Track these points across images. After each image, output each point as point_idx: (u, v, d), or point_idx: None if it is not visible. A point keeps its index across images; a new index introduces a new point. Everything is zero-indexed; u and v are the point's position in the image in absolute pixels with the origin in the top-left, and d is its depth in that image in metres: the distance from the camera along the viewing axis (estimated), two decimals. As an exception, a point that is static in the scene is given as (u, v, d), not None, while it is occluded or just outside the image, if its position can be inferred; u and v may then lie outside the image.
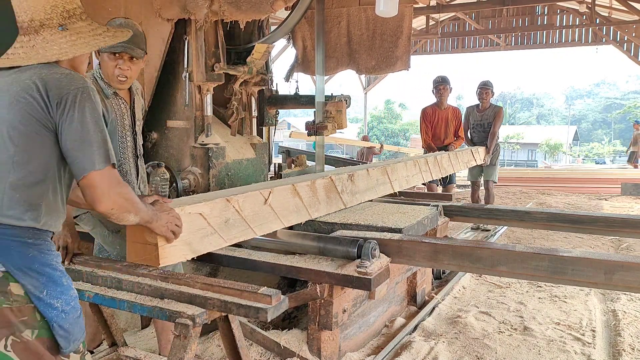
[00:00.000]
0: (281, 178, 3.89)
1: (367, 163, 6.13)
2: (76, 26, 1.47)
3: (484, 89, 6.05)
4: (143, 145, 2.56)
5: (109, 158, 1.44)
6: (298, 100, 4.44)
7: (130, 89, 2.39)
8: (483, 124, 6.02)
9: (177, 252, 1.92)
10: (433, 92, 5.89)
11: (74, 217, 2.35)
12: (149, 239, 1.83)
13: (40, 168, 1.40)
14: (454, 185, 6.24)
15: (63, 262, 2.04)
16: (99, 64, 2.29)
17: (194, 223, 1.97)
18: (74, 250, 2.11)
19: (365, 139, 14.26)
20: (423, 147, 6.03)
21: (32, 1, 1.42)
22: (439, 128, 5.84)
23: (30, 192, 1.39)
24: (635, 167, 12.56)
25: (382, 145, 12.39)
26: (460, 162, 5.29)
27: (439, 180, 5.33)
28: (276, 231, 2.54)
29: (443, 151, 5.37)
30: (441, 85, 5.78)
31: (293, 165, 4.78)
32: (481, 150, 5.85)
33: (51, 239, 1.49)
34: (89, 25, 1.50)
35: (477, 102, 6.13)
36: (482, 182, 6.12)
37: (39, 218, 1.41)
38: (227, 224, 2.12)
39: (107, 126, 2.20)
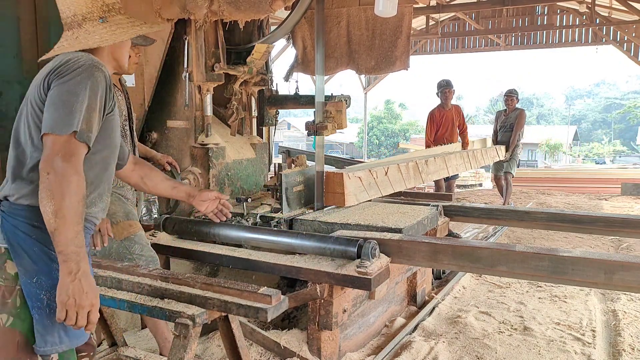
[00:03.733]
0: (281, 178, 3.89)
1: None
2: (115, 19, 1.58)
3: (510, 96, 7.18)
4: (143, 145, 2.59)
5: (73, 125, 1.38)
6: (298, 100, 4.43)
7: (120, 81, 2.44)
8: (506, 125, 7.12)
9: (351, 199, 3.10)
10: (438, 95, 6.48)
11: None
12: (338, 189, 3.04)
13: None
14: (455, 180, 6.93)
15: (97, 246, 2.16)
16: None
17: (357, 183, 3.15)
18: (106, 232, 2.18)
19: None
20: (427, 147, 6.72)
21: None
22: (445, 127, 6.51)
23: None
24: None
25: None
26: (489, 157, 6.61)
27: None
28: (275, 230, 2.55)
29: (477, 148, 6.48)
30: (447, 88, 6.42)
31: (293, 165, 4.78)
32: (503, 148, 7.01)
33: None
34: (128, 18, 1.62)
35: (505, 107, 7.30)
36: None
37: None
38: (369, 186, 3.29)
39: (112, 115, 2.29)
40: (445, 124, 6.48)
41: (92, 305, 1.37)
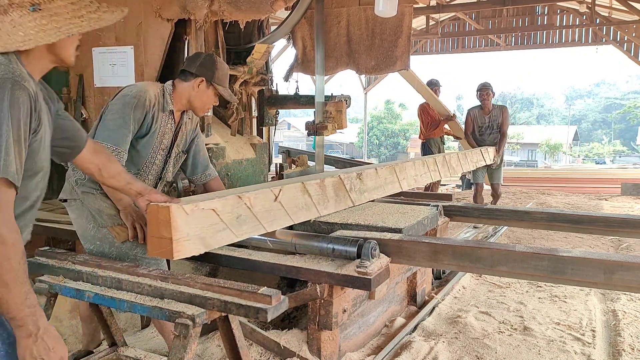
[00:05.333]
0: (283, 178, 3.89)
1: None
2: (53, 5, 1.21)
3: (484, 90, 6.07)
4: None
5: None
6: (298, 100, 4.44)
7: (182, 117, 2.50)
8: (492, 125, 6.07)
9: (190, 247, 1.92)
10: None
11: (63, 201, 2.36)
12: (165, 233, 1.84)
13: None
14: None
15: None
16: (192, 87, 2.39)
17: (207, 219, 1.99)
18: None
19: None
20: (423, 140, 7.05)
21: None
22: (436, 121, 6.94)
23: None
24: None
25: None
26: (469, 161, 5.24)
27: None
28: (275, 231, 2.54)
29: (452, 151, 6.02)
30: (438, 86, 7.22)
31: (294, 166, 4.79)
32: (491, 150, 5.86)
33: None
34: (72, 4, 1.25)
35: (478, 103, 6.17)
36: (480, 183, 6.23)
37: None
38: (239, 220, 2.15)
39: (147, 133, 2.31)
40: (436, 118, 6.95)
41: (62, 358, 1.27)
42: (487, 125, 6.09)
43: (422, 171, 3.99)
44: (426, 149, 7.00)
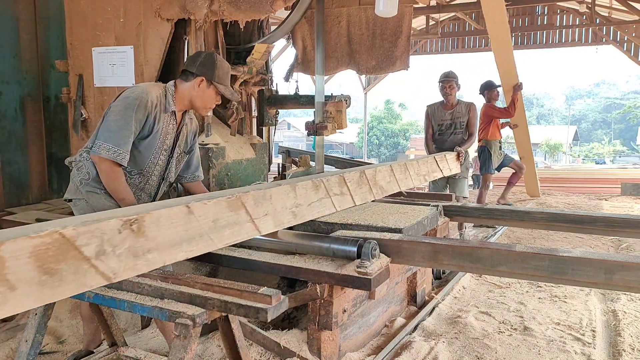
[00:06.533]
0: (285, 179, 3.89)
1: None
2: None
3: (447, 81, 5.01)
4: None
5: None
6: (298, 100, 4.43)
7: (183, 116, 2.51)
8: (455, 123, 4.96)
9: None
10: (486, 95, 6.68)
11: (68, 201, 2.37)
12: None
13: None
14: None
15: None
16: (193, 86, 2.41)
17: None
18: None
19: None
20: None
21: None
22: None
23: None
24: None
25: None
26: (411, 175, 3.62)
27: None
28: (275, 231, 2.54)
29: (383, 164, 4.25)
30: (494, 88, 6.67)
31: (294, 166, 4.78)
32: (450, 156, 4.51)
33: None
34: None
35: (440, 99, 5.18)
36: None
37: None
38: None
39: (149, 134, 2.35)
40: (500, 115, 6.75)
41: None
42: (448, 123, 4.99)
43: (312, 198, 2.50)
44: (486, 153, 6.44)
